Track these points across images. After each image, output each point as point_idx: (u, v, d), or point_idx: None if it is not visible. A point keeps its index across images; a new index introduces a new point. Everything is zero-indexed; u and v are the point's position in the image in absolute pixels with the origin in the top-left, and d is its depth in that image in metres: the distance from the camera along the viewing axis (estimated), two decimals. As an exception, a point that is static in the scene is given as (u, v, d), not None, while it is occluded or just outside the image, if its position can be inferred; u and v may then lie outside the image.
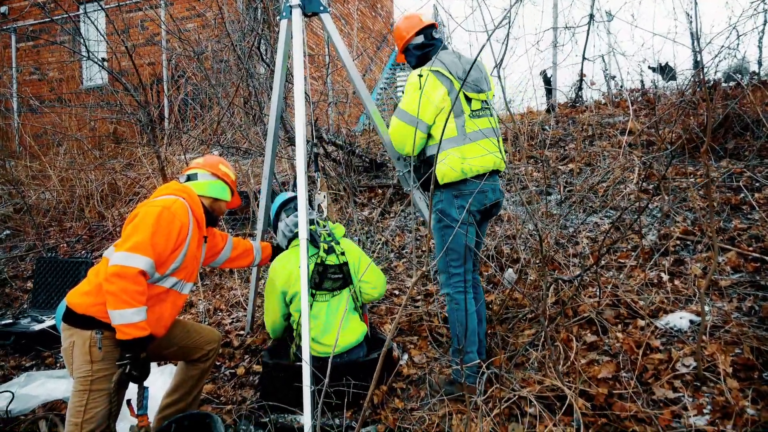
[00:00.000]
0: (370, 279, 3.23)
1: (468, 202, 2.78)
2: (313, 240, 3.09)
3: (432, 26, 3.08)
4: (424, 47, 3.05)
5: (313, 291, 3.04)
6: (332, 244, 3.17)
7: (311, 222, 3.11)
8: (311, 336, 2.91)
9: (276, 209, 3.36)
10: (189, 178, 2.81)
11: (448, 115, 2.45)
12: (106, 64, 8.00)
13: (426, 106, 2.78)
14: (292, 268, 3.01)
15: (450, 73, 2.83)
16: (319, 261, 3.06)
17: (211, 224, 2.87)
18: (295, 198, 3.18)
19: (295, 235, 3.08)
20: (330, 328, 3.01)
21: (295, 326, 3.08)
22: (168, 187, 2.67)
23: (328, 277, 3.06)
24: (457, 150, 2.82)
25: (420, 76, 2.83)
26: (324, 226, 3.22)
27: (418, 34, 3.06)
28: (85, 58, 5.72)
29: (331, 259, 3.10)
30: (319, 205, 3.30)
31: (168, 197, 2.55)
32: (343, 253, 3.16)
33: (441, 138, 2.48)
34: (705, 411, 2.47)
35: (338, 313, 3.05)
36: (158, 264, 2.42)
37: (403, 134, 2.87)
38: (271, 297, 3.10)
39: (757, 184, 4.41)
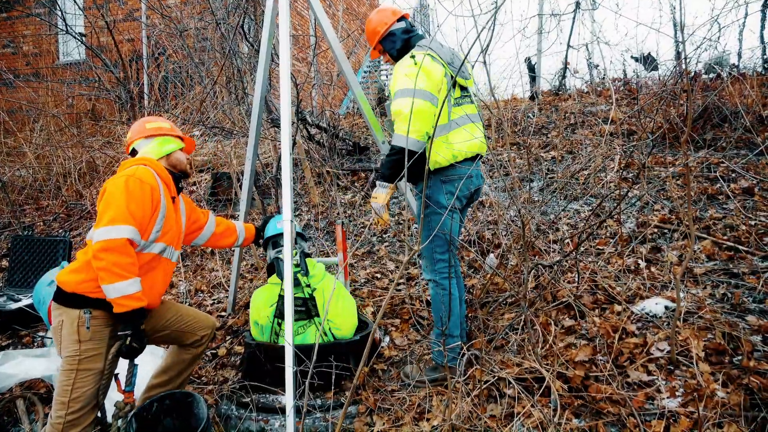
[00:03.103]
0: (336, 320, 3.10)
1: (456, 187, 2.80)
2: (279, 272, 3.14)
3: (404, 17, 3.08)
4: (409, 32, 3.01)
5: (279, 321, 3.07)
6: (298, 276, 3.13)
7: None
8: None
9: (268, 236, 3.36)
10: (133, 154, 2.76)
11: (445, 99, 2.39)
12: (84, 39, 7.82)
13: (433, 83, 2.70)
14: (260, 305, 3.15)
15: (440, 57, 2.81)
16: (282, 293, 3.04)
17: (183, 177, 2.82)
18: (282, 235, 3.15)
19: (271, 267, 3.29)
20: None
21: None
22: (127, 162, 2.64)
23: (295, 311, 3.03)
24: (445, 137, 2.81)
25: (413, 57, 2.76)
26: (294, 255, 3.11)
27: (398, 21, 3.03)
28: (62, 32, 5.57)
29: (296, 292, 3.07)
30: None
31: (130, 168, 2.53)
32: (309, 286, 3.12)
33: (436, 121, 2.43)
34: (677, 394, 2.54)
35: None
36: (141, 230, 2.41)
37: (428, 113, 2.67)
38: (252, 322, 3.19)
39: (733, 175, 4.51)
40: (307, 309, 3.07)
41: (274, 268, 3.23)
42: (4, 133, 8.35)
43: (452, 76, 2.56)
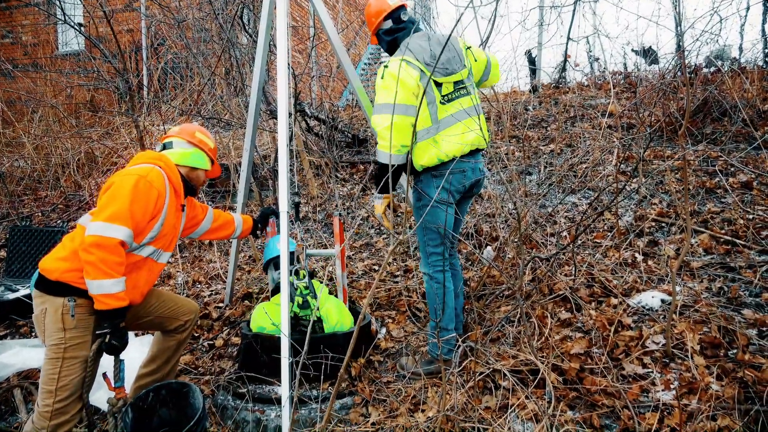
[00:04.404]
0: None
1: (447, 181, 2.78)
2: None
3: (401, 8, 2.98)
4: (392, 32, 2.95)
5: None
6: (308, 298, 3.15)
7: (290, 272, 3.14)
8: None
9: (268, 258, 3.38)
10: (165, 147, 2.76)
11: (420, 103, 2.38)
12: (83, 29, 7.78)
13: (407, 92, 2.68)
14: (261, 321, 3.15)
15: (417, 60, 2.74)
16: (292, 315, 3.06)
17: (189, 194, 2.83)
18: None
19: (277, 288, 3.25)
20: None
21: None
22: (143, 156, 2.62)
23: (301, 331, 3.06)
24: (431, 140, 2.77)
25: (386, 67, 2.73)
26: (303, 277, 3.20)
27: (386, 18, 2.96)
28: (60, 22, 5.54)
29: (305, 314, 3.11)
30: (298, 257, 3.28)
31: (144, 166, 2.50)
32: (318, 309, 3.14)
33: (415, 128, 2.42)
34: (672, 386, 2.55)
35: None
36: (135, 233, 2.39)
37: (402, 126, 2.67)
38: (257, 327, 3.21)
39: (732, 169, 4.51)
40: (314, 331, 3.08)
41: (278, 290, 3.24)
42: (3, 123, 8.34)
43: (430, 77, 2.53)
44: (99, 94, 8.93)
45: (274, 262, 3.37)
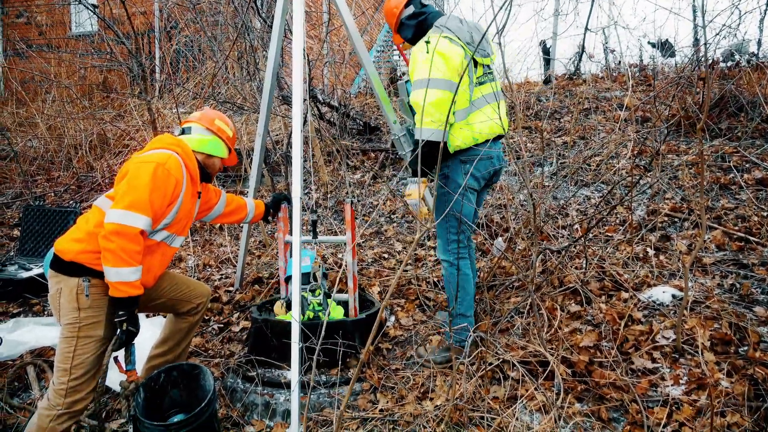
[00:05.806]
0: None
1: (475, 167, 2.78)
2: (301, 309, 3.12)
3: None
4: (417, 16, 2.93)
5: None
6: (320, 314, 3.16)
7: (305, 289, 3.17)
8: None
9: (289, 274, 3.37)
10: (183, 132, 2.76)
11: (459, 82, 2.34)
12: (96, 10, 7.78)
13: (451, 68, 2.63)
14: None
15: (458, 38, 2.71)
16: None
17: (205, 180, 2.84)
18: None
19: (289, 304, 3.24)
20: None
21: None
22: (161, 141, 2.62)
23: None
24: (464, 121, 2.77)
25: (427, 42, 2.69)
26: (318, 294, 3.20)
27: (407, 5, 2.95)
28: (75, 3, 5.54)
29: None
30: (314, 274, 3.28)
31: (162, 152, 2.50)
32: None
33: (452, 107, 2.39)
34: (681, 382, 2.55)
35: None
36: (154, 221, 2.41)
37: (446, 102, 2.61)
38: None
39: (747, 165, 4.46)
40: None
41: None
42: (17, 103, 8.38)
43: (472, 57, 2.51)
44: (112, 75, 8.95)
45: (289, 281, 3.39)
